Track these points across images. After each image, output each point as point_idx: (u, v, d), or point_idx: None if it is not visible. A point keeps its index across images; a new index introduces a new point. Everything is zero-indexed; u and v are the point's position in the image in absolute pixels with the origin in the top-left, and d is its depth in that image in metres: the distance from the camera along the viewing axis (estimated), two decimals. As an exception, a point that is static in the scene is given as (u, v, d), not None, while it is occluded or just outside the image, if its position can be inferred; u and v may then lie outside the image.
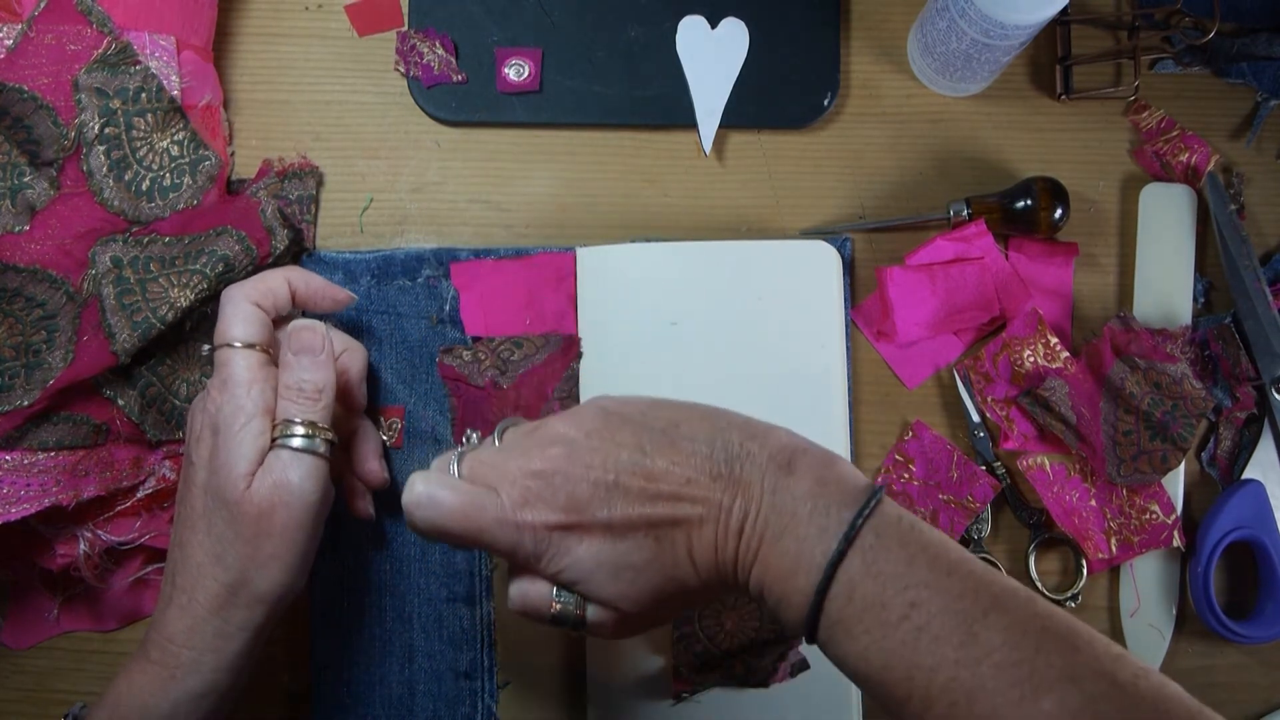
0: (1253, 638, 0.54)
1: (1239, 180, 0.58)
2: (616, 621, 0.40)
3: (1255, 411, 0.56)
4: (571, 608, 0.40)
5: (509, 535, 0.39)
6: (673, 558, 0.38)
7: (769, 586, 0.38)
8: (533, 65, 0.57)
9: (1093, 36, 0.60)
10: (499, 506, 0.39)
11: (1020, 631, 0.34)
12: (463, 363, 0.56)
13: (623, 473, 0.39)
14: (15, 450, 0.49)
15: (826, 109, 0.58)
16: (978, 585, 0.35)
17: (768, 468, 0.38)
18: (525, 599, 0.41)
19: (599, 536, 0.38)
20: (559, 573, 0.40)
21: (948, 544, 0.37)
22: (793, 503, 0.37)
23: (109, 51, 0.51)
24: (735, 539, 0.38)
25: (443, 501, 0.39)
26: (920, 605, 0.35)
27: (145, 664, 0.44)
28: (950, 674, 0.34)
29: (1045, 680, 0.33)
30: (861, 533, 0.36)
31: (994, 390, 0.56)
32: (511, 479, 0.39)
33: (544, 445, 0.40)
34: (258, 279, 0.49)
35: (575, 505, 0.38)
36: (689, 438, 0.39)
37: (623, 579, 0.39)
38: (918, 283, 0.56)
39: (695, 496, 0.38)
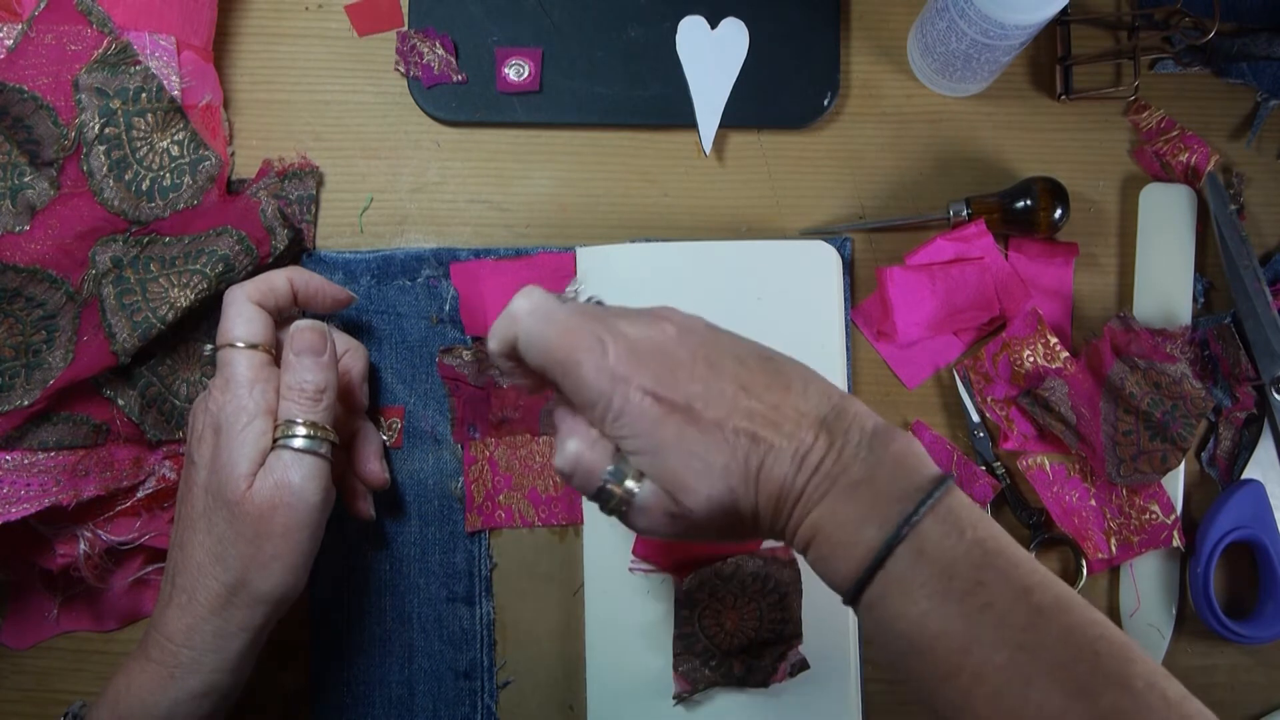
0: (1253, 638, 0.54)
1: (1239, 180, 0.58)
2: (664, 512, 0.39)
3: (1255, 411, 0.56)
4: (622, 483, 0.39)
5: (601, 384, 0.38)
6: (742, 472, 0.38)
7: (826, 534, 0.38)
8: (533, 65, 0.57)
9: (1093, 36, 0.60)
10: (603, 353, 0.38)
11: (1081, 633, 0.34)
12: (463, 363, 0.56)
13: (724, 375, 0.39)
14: (15, 450, 0.49)
15: (826, 109, 0.58)
16: (1042, 583, 0.35)
17: (854, 426, 0.38)
18: (580, 460, 0.40)
19: (685, 420, 0.38)
20: (634, 437, 0.39)
21: (1013, 542, 0.37)
22: (874, 464, 0.37)
23: (109, 51, 0.51)
24: (808, 476, 0.38)
25: (552, 323, 0.39)
26: (987, 585, 0.35)
27: (145, 663, 0.44)
28: (1009, 656, 0.34)
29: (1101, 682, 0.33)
30: (938, 505, 0.36)
31: (994, 390, 0.56)
32: (620, 333, 0.39)
33: (657, 320, 0.40)
34: (260, 279, 0.49)
35: (674, 383, 0.38)
36: (783, 372, 0.39)
37: (691, 468, 0.38)
38: (918, 283, 0.56)
39: (780, 425, 0.38)
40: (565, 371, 0.39)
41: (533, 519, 0.56)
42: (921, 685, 0.37)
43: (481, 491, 0.55)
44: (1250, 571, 0.56)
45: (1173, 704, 0.33)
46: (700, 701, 0.54)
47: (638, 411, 0.38)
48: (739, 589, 0.53)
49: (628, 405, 0.38)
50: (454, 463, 0.56)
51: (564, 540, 0.56)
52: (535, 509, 0.56)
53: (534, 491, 0.56)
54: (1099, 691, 0.33)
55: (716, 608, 0.53)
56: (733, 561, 0.53)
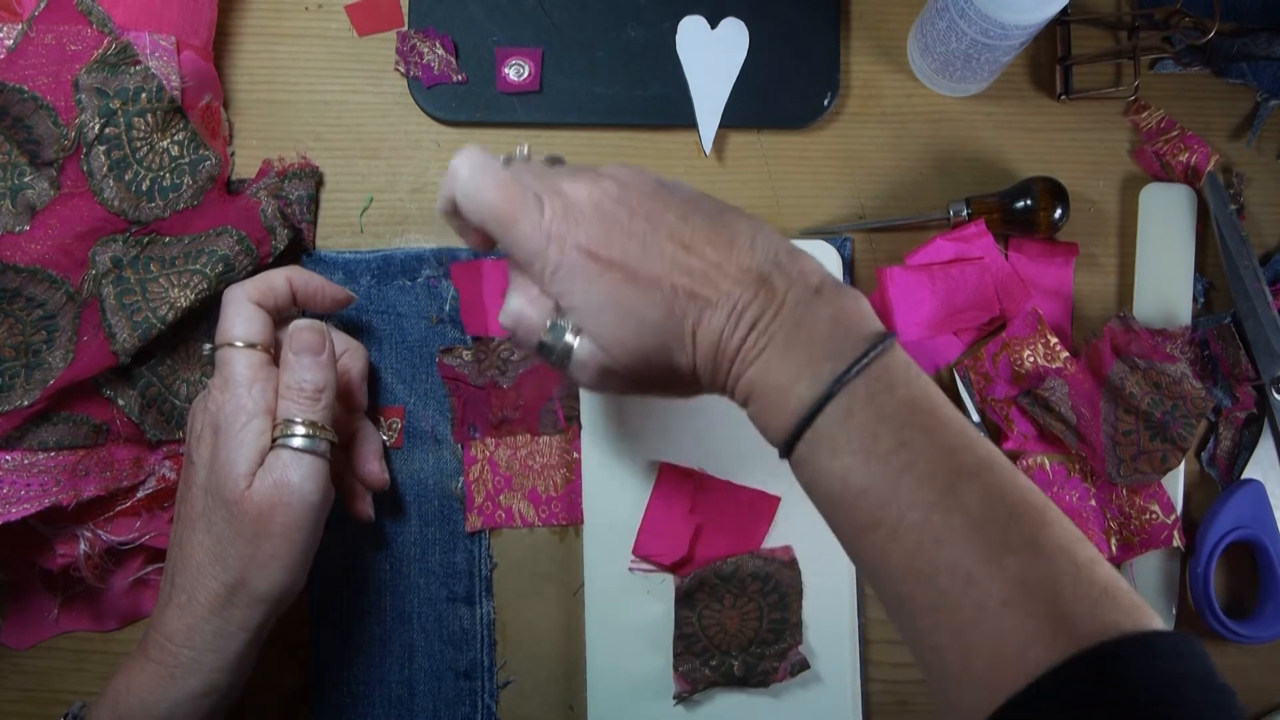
0: (1253, 638, 0.54)
1: (1239, 180, 0.58)
2: (599, 367, 0.40)
3: (1255, 411, 0.56)
4: (561, 339, 0.40)
5: (536, 242, 0.39)
6: (677, 328, 0.38)
7: (762, 389, 0.38)
8: (533, 65, 0.57)
9: (1093, 36, 0.60)
10: (539, 211, 0.39)
11: (999, 496, 0.35)
12: (463, 363, 0.56)
13: (662, 232, 0.39)
14: (15, 450, 0.49)
15: (826, 109, 0.58)
16: (968, 444, 0.36)
17: (796, 282, 0.38)
18: (521, 317, 0.41)
19: (620, 277, 0.38)
20: (568, 293, 0.39)
21: (947, 402, 0.38)
22: (813, 320, 0.38)
23: (109, 51, 0.51)
24: (744, 334, 0.38)
25: (488, 181, 0.39)
26: (911, 445, 0.36)
27: (145, 663, 0.44)
28: (924, 515, 0.35)
29: (1014, 544, 0.34)
30: (873, 364, 0.37)
31: (994, 390, 0.56)
32: (558, 192, 0.39)
33: (597, 178, 0.40)
34: (259, 278, 0.49)
35: (610, 241, 0.38)
36: (730, 228, 0.39)
37: (626, 326, 0.39)
38: (918, 283, 0.56)
39: (718, 281, 0.38)
40: (503, 229, 0.39)
41: (533, 519, 0.56)
42: (845, 537, 0.38)
43: (482, 491, 0.55)
44: (1250, 571, 0.56)
45: (1081, 567, 0.34)
46: (700, 701, 0.54)
47: (573, 269, 0.39)
48: (739, 589, 0.53)
49: (563, 262, 0.39)
50: (454, 463, 0.56)
51: (564, 540, 0.56)
52: (535, 509, 0.56)
53: (534, 491, 0.56)
54: (1009, 553, 0.34)
55: (716, 608, 0.53)
56: (733, 561, 0.53)
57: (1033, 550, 0.34)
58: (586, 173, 0.41)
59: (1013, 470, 0.36)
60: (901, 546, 0.35)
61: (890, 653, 0.56)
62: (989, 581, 0.33)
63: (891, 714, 0.56)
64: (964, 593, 0.34)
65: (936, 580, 0.34)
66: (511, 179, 0.40)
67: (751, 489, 0.55)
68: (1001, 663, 0.33)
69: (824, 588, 0.54)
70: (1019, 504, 0.35)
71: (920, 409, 0.37)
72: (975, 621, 0.33)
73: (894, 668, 0.56)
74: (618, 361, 0.39)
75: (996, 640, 0.33)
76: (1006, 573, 0.33)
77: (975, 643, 0.33)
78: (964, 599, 0.34)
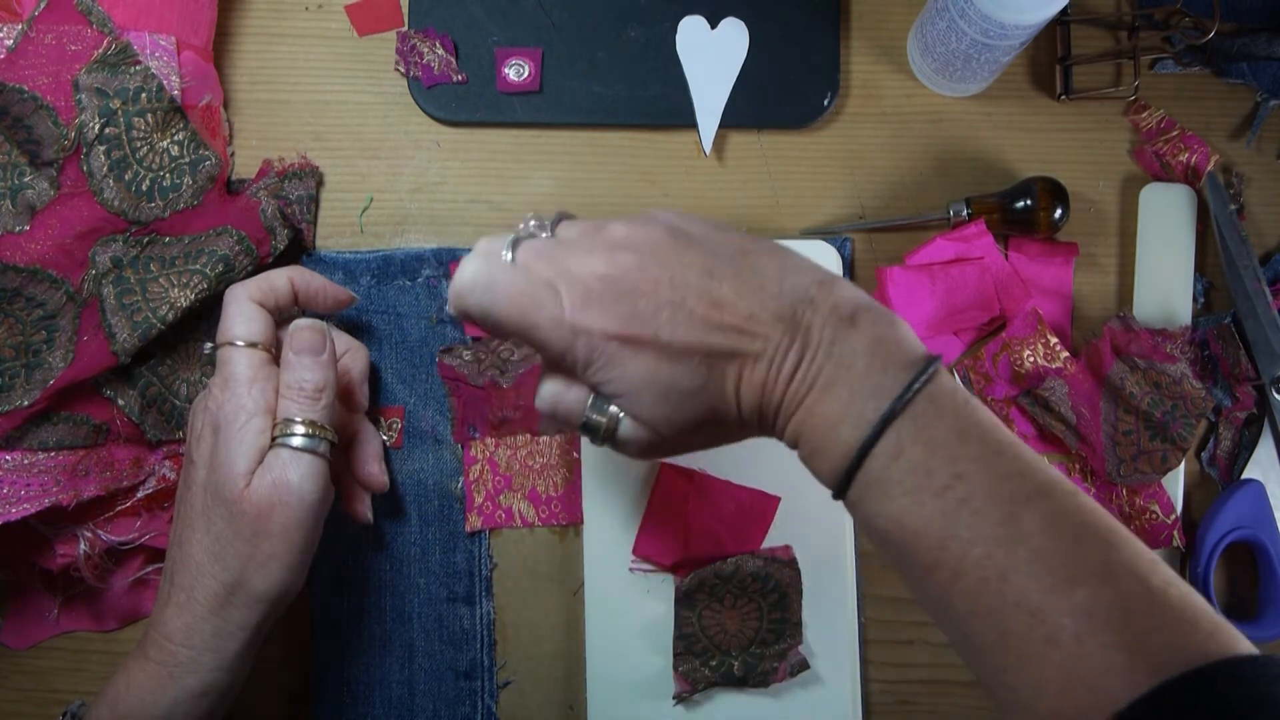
0: (1253, 638, 0.53)
1: (1239, 180, 0.58)
2: (647, 443, 0.39)
3: (1255, 411, 0.56)
4: (604, 420, 0.39)
5: (562, 337, 0.37)
6: (720, 389, 0.37)
7: (809, 435, 0.37)
8: (533, 65, 0.57)
9: (1093, 36, 0.60)
10: (558, 305, 0.37)
11: (1062, 522, 0.33)
12: (463, 363, 0.56)
13: (690, 295, 0.37)
14: (15, 450, 0.49)
15: (826, 109, 0.58)
16: (1025, 469, 0.35)
17: (830, 317, 0.37)
18: (559, 402, 0.39)
19: (654, 354, 0.37)
20: (605, 383, 0.38)
21: (999, 425, 0.36)
22: (850, 356, 0.36)
23: (109, 51, 0.51)
24: (786, 381, 0.37)
25: (499, 289, 0.38)
26: (966, 478, 0.34)
27: (144, 662, 0.44)
28: (985, 551, 0.33)
29: (1080, 573, 0.32)
30: (917, 396, 0.35)
31: (994, 390, 0.56)
32: (572, 278, 0.37)
33: (611, 249, 0.38)
34: (260, 278, 0.49)
35: (638, 319, 0.37)
36: (757, 271, 0.38)
37: (669, 402, 0.37)
38: (918, 283, 0.56)
39: (755, 332, 0.37)
40: (525, 335, 0.38)
41: (533, 519, 0.56)
42: (909, 579, 0.36)
43: (482, 491, 0.55)
44: (1250, 571, 0.56)
45: (1155, 591, 0.32)
46: (700, 701, 0.54)
47: (605, 358, 0.37)
48: (739, 589, 0.53)
49: (593, 353, 0.37)
50: (454, 463, 0.56)
51: (564, 540, 0.56)
52: (535, 509, 0.56)
53: (534, 491, 0.56)
54: (1077, 583, 0.32)
55: (716, 608, 0.53)
56: (733, 561, 0.53)
57: (1102, 577, 0.32)
58: (599, 244, 0.39)
59: (1075, 491, 0.35)
60: (964, 585, 0.34)
61: (890, 653, 0.56)
62: (1058, 614, 0.32)
63: (891, 714, 0.56)
64: (1032, 627, 0.32)
65: (1003, 617, 0.33)
66: (521, 279, 0.38)
67: (751, 489, 0.55)
68: (1073, 696, 0.31)
69: (824, 588, 0.54)
70: (1083, 528, 0.33)
71: (970, 438, 0.35)
72: (1046, 656, 0.32)
73: (894, 668, 0.56)
74: (663, 435, 0.39)
75: (1068, 675, 0.31)
76: (1075, 603, 0.32)
77: (1048, 678, 0.32)
78: (1033, 634, 0.32)
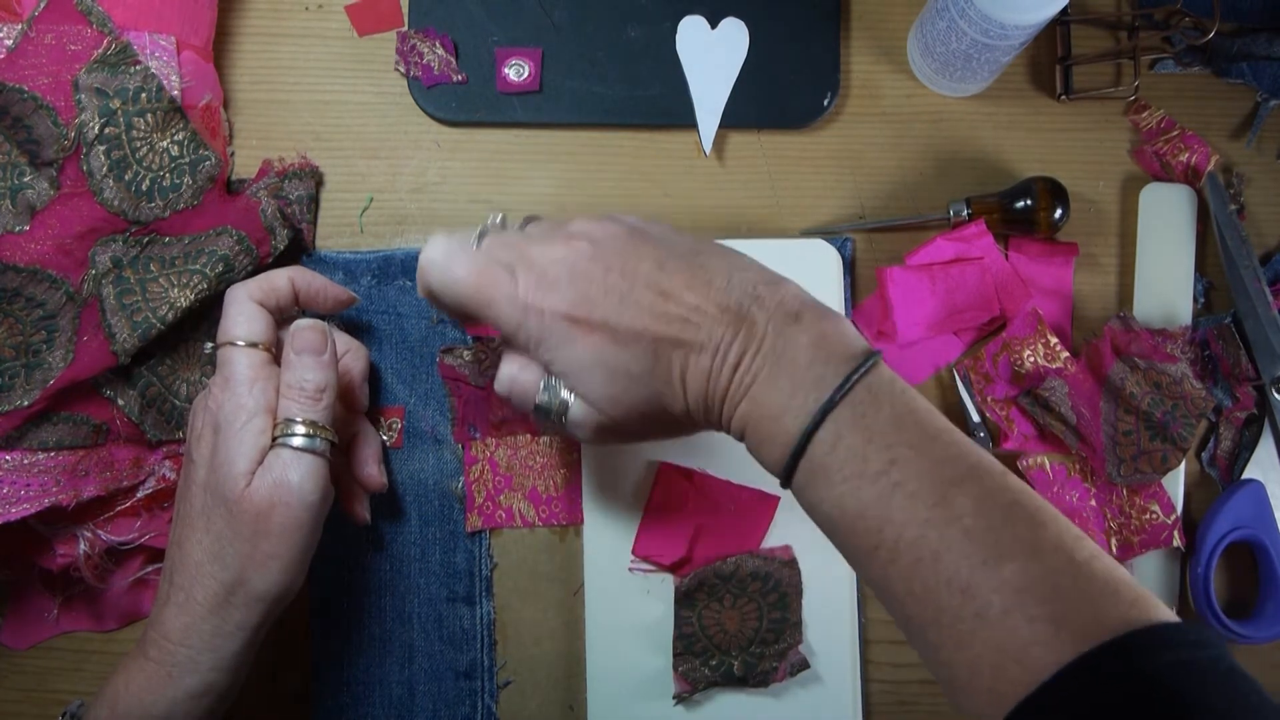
0: (1253, 638, 0.54)
1: (1239, 180, 0.58)
2: (596, 425, 0.41)
3: (1255, 411, 0.56)
4: (556, 401, 0.41)
5: (515, 314, 0.40)
6: (666, 377, 0.39)
7: (754, 425, 0.39)
8: (533, 65, 0.57)
9: (1093, 36, 0.60)
10: (512, 284, 0.40)
11: (991, 501, 0.35)
12: (463, 363, 0.56)
13: (639, 284, 0.39)
14: (15, 450, 0.49)
15: (826, 109, 0.58)
16: (958, 454, 0.36)
17: (775, 313, 0.39)
18: (514, 383, 0.42)
19: (602, 337, 0.39)
20: (555, 361, 0.40)
21: (934, 413, 0.38)
22: (794, 350, 0.38)
23: (109, 51, 0.51)
24: (730, 373, 0.39)
25: (459, 267, 0.41)
26: (900, 463, 0.36)
27: (143, 662, 0.44)
28: (919, 532, 0.35)
29: (1009, 550, 0.34)
30: (856, 387, 0.37)
31: (994, 390, 0.56)
32: (530, 262, 0.40)
33: (569, 238, 0.41)
34: (261, 278, 0.49)
35: (587, 301, 0.39)
36: (706, 268, 0.40)
37: (615, 384, 0.39)
38: (918, 283, 0.56)
39: (700, 324, 0.39)
40: (482, 309, 0.41)
41: (533, 519, 0.56)
42: (851, 562, 0.38)
43: (482, 491, 0.55)
44: (1250, 571, 0.56)
45: (1079, 565, 0.34)
46: (700, 701, 0.54)
47: (555, 336, 0.40)
48: (739, 588, 0.53)
49: (544, 331, 0.40)
50: (454, 463, 0.56)
51: (564, 540, 0.56)
52: (535, 509, 0.56)
53: (534, 491, 0.56)
54: (1005, 559, 0.34)
55: (716, 607, 0.53)
56: (733, 561, 0.53)
57: (1029, 553, 0.34)
58: (557, 234, 0.41)
59: (1004, 473, 0.36)
60: (901, 566, 0.35)
61: (890, 653, 0.56)
62: (987, 590, 0.33)
63: (891, 714, 0.56)
64: (963, 604, 0.34)
65: (937, 595, 0.34)
66: (481, 257, 0.41)
67: (751, 489, 0.55)
68: (1004, 670, 0.33)
69: (824, 588, 0.54)
70: (1012, 507, 0.35)
71: (906, 425, 0.37)
72: (976, 631, 0.33)
73: (894, 668, 0.56)
74: (612, 417, 0.40)
75: (998, 648, 0.33)
76: (1004, 579, 0.33)
77: (979, 653, 0.33)
78: (964, 610, 0.34)
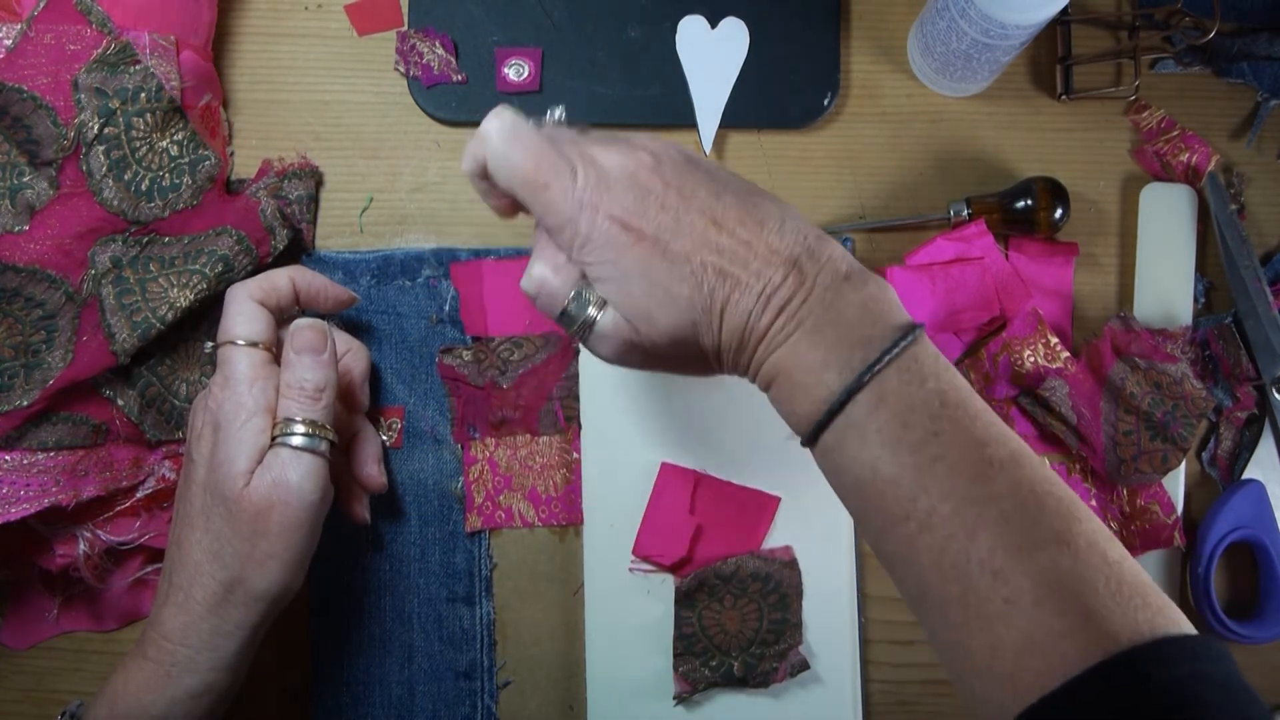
0: (1253, 638, 0.54)
1: (1239, 180, 0.58)
2: (624, 340, 0.40)
3: (1255, 411, 0.56)
4: (584, 312, 0.39)
5: (568, 209, 0.38)
6: (706, 305, 0.38)
7: (787, 374, 0.38)
8: (533, 65, 0.57)
9: (1093, 36, 0.60)
10: (571, 178, 0.38)
11: (1030, 489, 0.35)
12: (463, 363, 0.56)
13: (694, 208, 0.38)
14: (15, 450, 0.49)
15: (826, 109, 0.58)
16: (999, 436, 0.36)
17: (825, 267, 0.38)
18: (544, 283, 0.40)
19: (651, 249, 0.38)
20: (599, 264, 0.38)
21: (974, 394, 0.37)
22: (843, 306, 0.37)
23: (109, 51, 0.51)
24: (773, 316, 0.38)
25: (521, 145, 0.39)
26: (943, 436, 0.35)
27: (142, 662, 0.44)
28: (955, 507, 0.34)
29: (1044, 539, 0.34)
30: (904, 353, 0.36)
31: (994, 390, 0.56)
32: (591, 160, 0.39)
33: (632, 148, 0.39)
34: (261, 277, 0.49)
35: (643, 212, 0.38)
36: (760, 208, 0.39)
37: (653, 298, 0.38)
38: (918, 283, 0.56)
39: (748, 261, 0.38)
40: (534, 195, 0.39)
41: (533, 519, 0.56)
42: (871, 528, 0.37)
43: (482, 492, 0.55)
44: (1250, 571, 0.56)
45: (1112, 564, 0.33)
46: (700, 701, 0.54)
47: (604, 238, 0.38)
48: (739, 589, 0.53)
49: (594, 231, 0.38)
50: (454, 463, 0.56)
51: (564, 540, 0.56)
52: (535, 509, 0.56)
53: (534, 491, 0.56)
54: (1040, 547, 0.33)
55: (716, 608, 0.53)
56: (733, 561, 0.53)
57: (1063, 546, 0.33)
58: (620, 142, 0.40)
59: (1041, 464, 0.36)
60: (932, 539, 0.35)
61: (890, 653, 0.56)
62: (1020, 576, 0.33)
63: (891, 714, 0.56)
64: (993, 586, 0.33)
65: (967, 573, 0.34)
66: (545, 143, 0.39)
67: (751, 489, 0.55)
68: (1029, 659, 0.32)
69: (824, 588, 0.54)
70: (1049, 498, 0.35)
71: (950, 401, 0.36)
72: (1004, 615, 0.33)
73: (894, 668, 0.56)
74: (643, 335, 0.39)
75: (1025, 636, 0.33)
76: (1038, 567, 0.33)
77: (1004, 638, 0.33)
78: (993, 593, 0.33)
